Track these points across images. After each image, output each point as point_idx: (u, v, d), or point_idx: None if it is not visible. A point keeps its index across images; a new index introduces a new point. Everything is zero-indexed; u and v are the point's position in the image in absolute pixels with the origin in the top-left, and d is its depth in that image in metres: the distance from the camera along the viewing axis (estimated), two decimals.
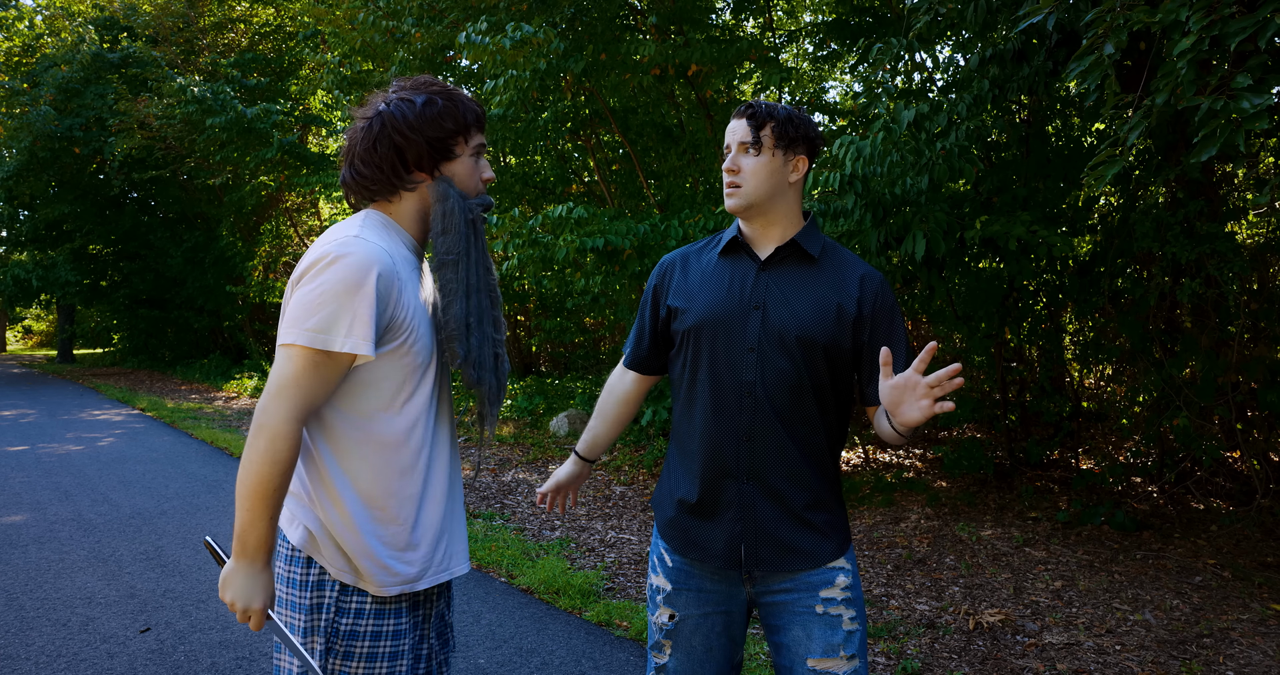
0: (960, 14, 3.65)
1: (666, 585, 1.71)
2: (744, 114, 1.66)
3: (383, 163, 1.45)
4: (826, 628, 1.59)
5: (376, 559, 1.42)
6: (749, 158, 1.64)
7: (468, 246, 1.47)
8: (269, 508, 1.33)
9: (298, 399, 1.34)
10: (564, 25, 6.33)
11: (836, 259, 1.69)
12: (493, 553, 4.32)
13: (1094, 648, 3.14)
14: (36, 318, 33.46)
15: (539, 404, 8.98)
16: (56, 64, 14.47)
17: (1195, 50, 2.35)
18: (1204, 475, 5.03)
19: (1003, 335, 5.44)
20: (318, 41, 10.81)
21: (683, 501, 1.69)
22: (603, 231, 5.27)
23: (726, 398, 1.63)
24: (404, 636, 1.45)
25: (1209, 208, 4.50)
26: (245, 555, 1.35)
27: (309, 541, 1.43)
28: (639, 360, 1.84)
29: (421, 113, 1.44)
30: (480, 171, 1.53)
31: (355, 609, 1.42)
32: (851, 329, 1.63)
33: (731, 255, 1.72)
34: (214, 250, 14.95)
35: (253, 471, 1.32)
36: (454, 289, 1.45)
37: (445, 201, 1.45)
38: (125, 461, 6.95)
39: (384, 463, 1.43)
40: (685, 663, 1.69)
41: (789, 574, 1.62)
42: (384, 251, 1.38)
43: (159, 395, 12.26)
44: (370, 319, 1.34)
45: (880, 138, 3.71)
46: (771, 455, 1.60)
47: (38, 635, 3.32)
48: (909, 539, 4.47)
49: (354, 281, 1.33)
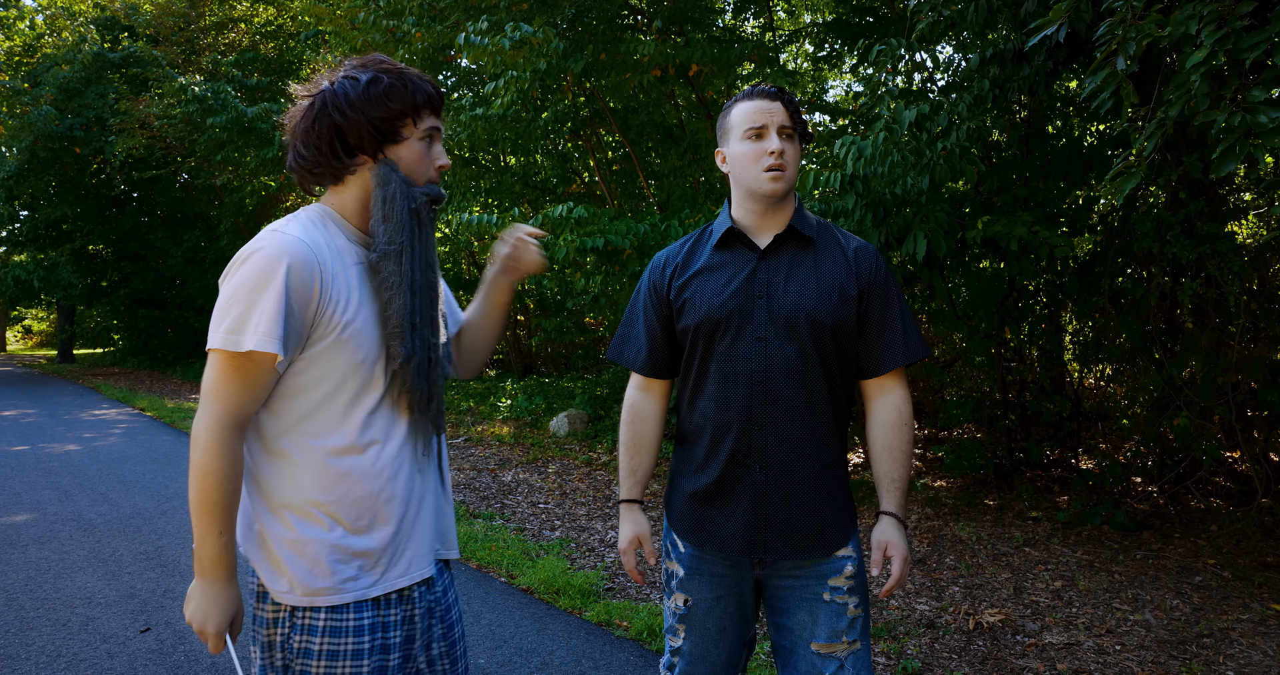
0: (961, 14, 3.65)
1: (679, 570, 1.73)
2: (776, 97, 1.64)
3: (321, 143, 1.35)
4: (832, 614, 1.62)
5: (322, 563, 1.35)
6: (790, 143, 1.64)
7: (410, 237, 1.36)
8: (215, 522, 1.28)
9: (222, 405, 1.28)
10: (564, 25, 6.33)
11: (830, 238, 1.71)
12: (493, 553, 4.32)
13: (1094, 648, 3.14)
14: (37, 318, 33.47)
15: (539, 404, 8.98)
16: (57, 64, 14.49)
17: (1208, 63, 2.32)
18: (1204, 475, 5.03)
19: (1003, 335, 5.44)
20: (318, 41, 10.81)
21: (695, 494, 1.70)
22: (603, 231, 5.27)
23: (735, 389, 1.63)
24: (364, 656, 1.36)
25: (1209, 208, 4.50)
26: (201, 573, 1.31)
27: (260, 558, 1.37)
28: (657, 364, 1.78)
29: (365, 91, 1.34)
30: (433, 158, 1.42)
31: (307, 626, 1.35)
32: (855, 306, 1.65)
33: (728, 247, 1.71)
34: (214, 250, 14.96)
35: (191, 487, 1.28)
36: (395, 282, 1.35)
37: (386, 186, 1.35)
38: (125, 461, 6.96)
39: (328, 468, 1.34)
40: (699, 644, 1.73)
41: (799, 561, 1.64)
42: (301, 242, 1.30)
43: (159, 395, 12.26)
44: (277, 314, 1.25)
45: (881, 138, 3.71)
46: (782, 444, 1.61)
47: (38, 635, 3.32)
48: (909, 539, 4.48)
49: (262, 277, 1.26)
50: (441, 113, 1.45)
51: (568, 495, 5.67)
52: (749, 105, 1.65)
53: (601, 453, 6.91)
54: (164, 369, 16.83)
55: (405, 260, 1.36)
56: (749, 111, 1.64)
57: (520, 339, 12.71)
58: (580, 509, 5.32)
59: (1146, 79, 4.08)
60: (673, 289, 1.73)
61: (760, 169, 1.62)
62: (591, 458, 6.76)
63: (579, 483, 6.00)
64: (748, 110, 1.64)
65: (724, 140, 1.72)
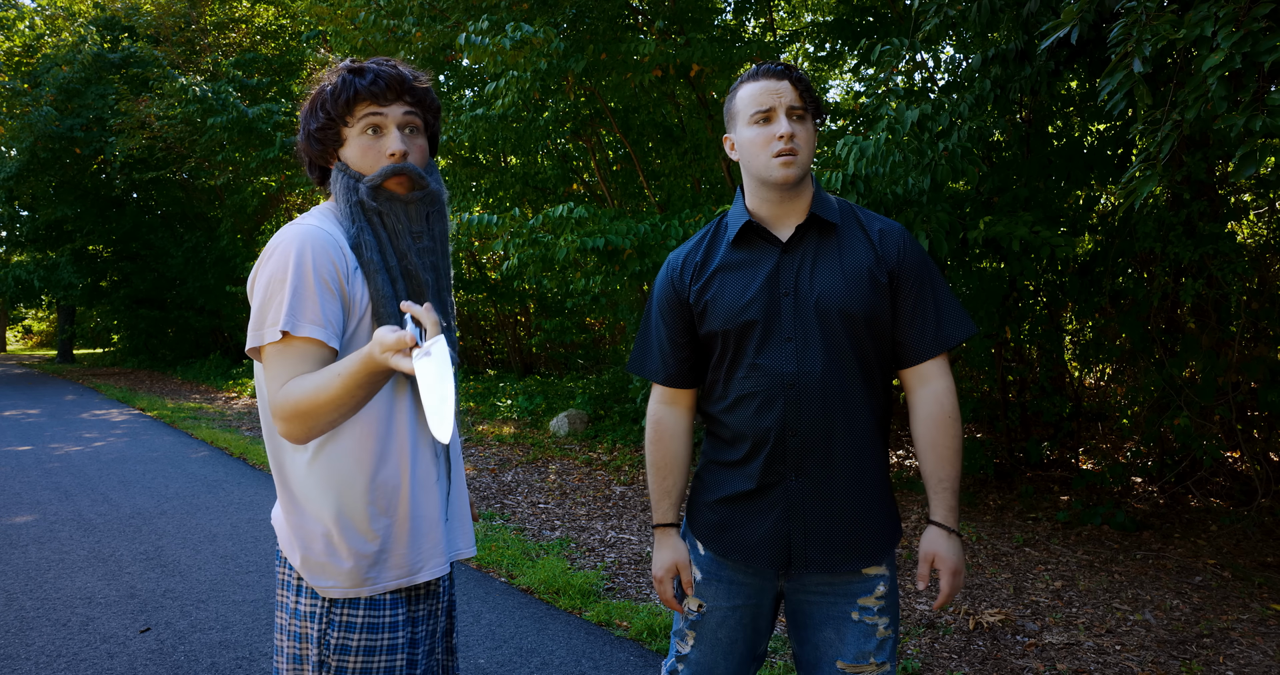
0: (963, 14, 3.64)
1: (697, 573, 1.64)
2: (783, 75, 1.51)
3: (303, 160, 1.49)
4: (860, 635, 1.53)
5: (359, 556, 1.37)
6: (801, 124, 1.51)
7: (357, 229, 1.38)
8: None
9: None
10: (565, 25, 6.33)
11: (852, 221, 1.59)
12: (493, 553, 4.32)
13: (1094, 648, 3.14)
14: (37, 318, 33.47)
15: (539, 404, 8.99)
16: (57, 64, 14.48)
17: (1226, 66, 2.28)
18: (1204, 475, 5.03)
19: (1003, 335, 5.44)
20: (319, 41, 10.81)
21: (723, 502, 1.59)
22: (603, 231, 5.27)
23: (765, 394, 1.52)
24: (398, 651, 1.40)
25: (1210, 207, 4.50)
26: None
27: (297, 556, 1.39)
28: (681, 374, 1.65)
29: (307, 107, 1.44)
30: (380, 147, 1.40)
31: (345, 622, 1.37)
32: (887, 292, 1.53)
33: (746, 243, 1.58)
34: (214, 250, 14.95)
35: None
36: (368, 272, 1.38)
37: (335, 186, 1.42)
38: (125, 461, 6.96)
39: (361, 460, 1.37)
40: (708, 654, 1.63)
41: (829, 576, 1.55)
42: (318, 228, 1.35)
43: (159, 395, 12.26)
44: (317, 298, 1.30)
45: (884, 138, 3.71)
46: (818, 450, 1.50)
47: (38, 635, 3.32)
48: (909, 539, 4.47)
49: (290, 265, 1.30)
50: (400, 97, 1.41)
51: (568, 495, 5.67)
52: (754, 86, 1.52)
53: (601, 453, 6.91)
54: (164, 369, 16.84)
55: (368, 250, 1.38)
56: (755, 93, 1.51)
57: (520, 339, 12.71)
58: (580, 509, 5.32)
59: (1156, 79, 4.08)
60: (691, 292, 1.61)
61: (770, 155, 1.49)
62: (592, 458, 6.75)
63: (579, 483, 6.00)
64: (753, 92, 1.52)
65: (731, 126, 1.59)
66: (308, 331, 1.28)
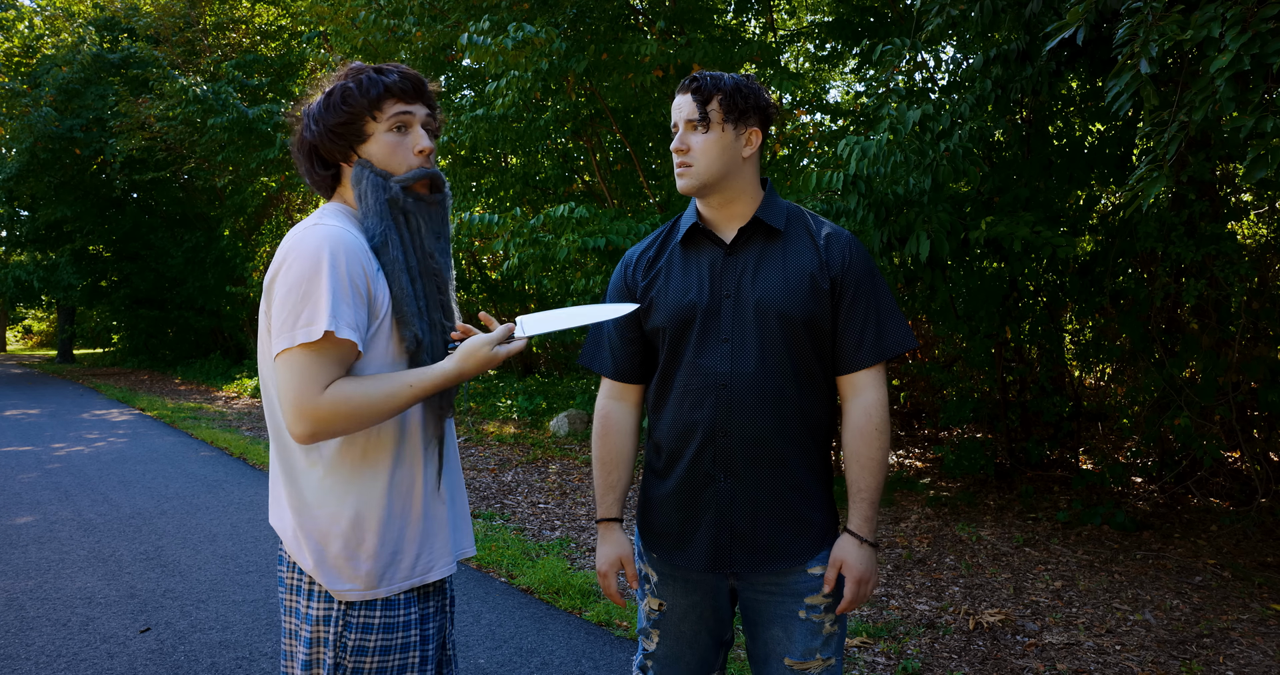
0: (965, 15, 3.64)
1: (653, 575, 1.68)
2: (688, 88, 1.54)
3: (303, 158, 1.46)
4: (807, 633, 1.57)
5: (374, 557, 1.38)
6: (698, 135, 1.54)
7: (389, 228, 1.39)
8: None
9: (319, 382, 1.30)
10: (566, 25, 6.33)
11: (800, 226, 1.61)
12: (493, 553, 4.32)
13: (1094, 648, 3.14)
14: (37, 318, 33.47)
15: (539, 404, 8.99)
16: (57, 65, 14.49)
17: (1234, 67, 2.26)
18: (1204, 475, 5.03)
19: (1003, 335, 5.44)
20: (319, 42, 10.81)
21: (661, 505, 1.63)
22: (604, 231, 5.27)
23: (699, 394, 1.55)
24: (412, 648, 1.41)
25: (1210, 207, 4.50)
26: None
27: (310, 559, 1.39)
28: (630, 369, 1.69)
29: (324, 102, 1.42)
30: (410, 144, 1.43)
31: (362, 623, 1.38)
32: (829, 298, 1.55)
33: (693, 244, 1.62)
34: (214, 250, 14.95)
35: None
36: (391, 272, 1.39)
37: (359, 184, 1.41)
38: (125, 461, 6.95)
39: (375, 460, 1.38)
40: (674, 647, 1.69)
41: (769, 576, 1.58)
42: (345, 232, 1.35)
43: (159, 395, 12.26)
44: (344, 298, 1.30)
45: (885, 138, 3.71)
46: (748, 451, 1.53)
47: (38, 635, 3.32)
48: (909, 539, 4.47)
49: (316, 268, 1.30)
50: (421, 97, 1.45)
51: (568, 495, 5.67)
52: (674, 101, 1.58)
53: None
54: (164, 369, 16.84)
55: (393, 249, 1.39)
56: (673, 108, 1.58)
57: None
58: (580, 509, 5.32)
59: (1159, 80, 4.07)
60: (640, 287, 1.65)
61: (675, 166, 1.56)
62: (591, 458, 6.75)
63: (579, 483, 6.00)
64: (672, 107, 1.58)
65: None
66: (347, 334, 1.29)
